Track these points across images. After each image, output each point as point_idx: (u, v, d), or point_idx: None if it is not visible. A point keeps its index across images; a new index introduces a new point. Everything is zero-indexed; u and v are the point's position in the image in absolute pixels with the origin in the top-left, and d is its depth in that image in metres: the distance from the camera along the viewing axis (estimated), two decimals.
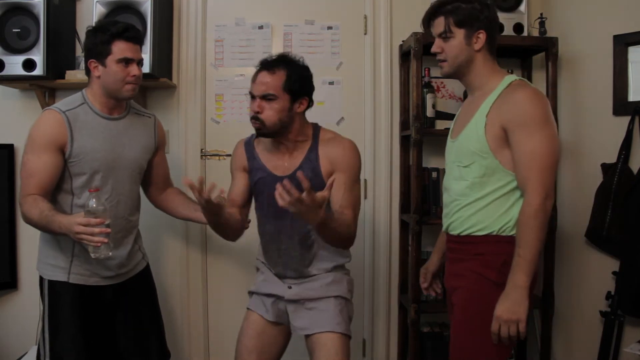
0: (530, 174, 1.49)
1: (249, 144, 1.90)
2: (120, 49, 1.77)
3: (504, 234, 1.56)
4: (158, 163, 2.07)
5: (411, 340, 2.45)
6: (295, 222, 1.76)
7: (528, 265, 1.47)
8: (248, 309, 1.92)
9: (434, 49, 1.65)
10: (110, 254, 1.65)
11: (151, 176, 2.06)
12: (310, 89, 1.79)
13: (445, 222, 1.73)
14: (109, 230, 1.59)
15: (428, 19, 1.67)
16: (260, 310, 1.87)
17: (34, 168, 1.73)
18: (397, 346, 2.71)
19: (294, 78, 1.71)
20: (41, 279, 1.85)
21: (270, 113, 1.70)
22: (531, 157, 1.49)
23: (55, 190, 1.79)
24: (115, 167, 1.84)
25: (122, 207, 1.87)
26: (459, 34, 1.59)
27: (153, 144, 2.01)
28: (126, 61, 1.78)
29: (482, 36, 1.59)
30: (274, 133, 1.75)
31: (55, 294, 1.82)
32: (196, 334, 2.66)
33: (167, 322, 2.63)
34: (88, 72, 1.83)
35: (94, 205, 1.61)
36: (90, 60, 1.80)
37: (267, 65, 1.73)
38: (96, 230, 1.56)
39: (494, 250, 1.57)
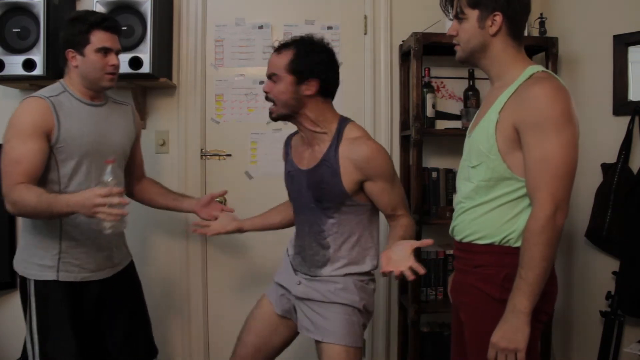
0: (540, 183, 1.31)
1: (288, 139, 1.92)
2: (99, 38, 1.76)
3: (507, 244, 1.39)
4: (136, 150, 2.06)
5: (411, 340, 2.45)
6: (312, 219, 1.76)
7: (530, 288, 1.29)
8: (264, 293, 1.93)
9: (448, 31, 1.50)
10: (124, 227, 1.67)
11: (129, 165, 2.03)
12: (321, 70, 1.67)
13: (451, 225, 1.58)
14: (127, 201, 1.60)
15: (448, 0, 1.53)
16: (272, 298, 1.88)
17: (19, 155, 1.66)
18: (397, 346, 2.71)
19: (299, 58, 1.65)
20: (24, 280, 1.79)
21: (275, 93, 1.69)
22: (542, 163, 1.30)
23: (40, 182, 1.72)
24: (101, 152, 1.80)
25: None
26: (472, 15, 1.42)
27: (133, 131, 2.01)
28: (105, 51, 1.77)
29: (498, 19, 1.40)
30: (283, 116, 1.73)
31: (44, 294, 1.77)
32: (196, 333, 2.66)
33: (167, 321, 2.64)
34: (65, 62, 1.81)
35: (111, 178, 1.60)
36: (68, 50, 1.78)
37: (280, 45, 1.71)
38: (116, 200, 1.53)
39: (494, 263, 1.41)
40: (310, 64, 1.66)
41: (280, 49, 1.70)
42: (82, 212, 1.56)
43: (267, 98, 1.73)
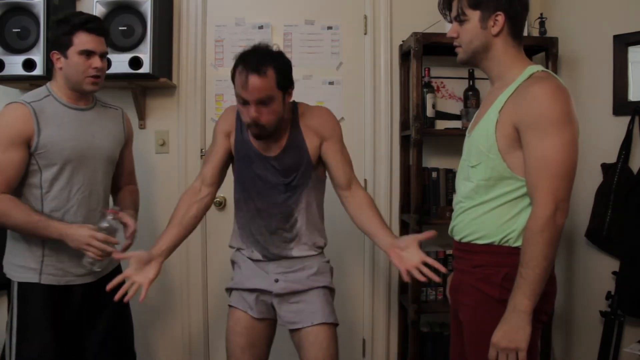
0: (540, 183, 1.31)
1: (240, 116, 1.79)
2: (81, 40, 1.72)
3: (506, 244, 1.39)
4: (125, 157, 2.00)
5: (411, 340, 2.45)
6: (279, 200, 1.77)
7: (531, 288, 1.29)
8: (230, 306, 1.87)
9: (449, 33, 1.50)
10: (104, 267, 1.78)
11: (116, 171, 1.98)
12: (291, 80, 1.72)
13: (450, 225, 1.58)
14: (117, 241, 1.70)
15: (446, 2, 1.52)
16: (243, 307, 1.83)
17: (1, 164, 1.67)
18: (397, 346, 2.71)
19: (282, 73, 1.65)
20: (9, 281, 1.78)
21: (270, 116, 1.65)
22: (542, 162, 1.30)
23: (22, 186, 1.73)
24: (86, 157, 1.78)
25: (94, 198, 1.82)
26: (474, 16, 1.42)
27: (122, 135, 1.95)
28: (87, 53, 1.73)
29: (500, 19, 1.40)
30: (273, 133, 1.72)
31: (25, 296, 1.75)
32: (196, 333, 2.66)
33: (167, 322, 2.64)
34: (51, 64, 1.79)
35: (107, 225, 1.71)
36: (53, 51, 1.76)
37: (255, 68, 1.60)
38: (109, 248, 1.66)
39: (494, 263, 1.41)
40: (288, 74, 1.69)
41: (260, 69, 1.60)
42: (71, 244, 1.66)
43: (255, 125, 1.65)
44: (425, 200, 2.55)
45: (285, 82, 1.67)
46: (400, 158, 2.69)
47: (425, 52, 2.41)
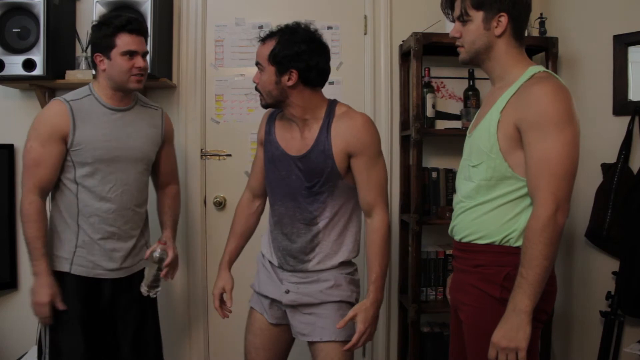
0: (541, 183, 1.31)
1: (272, 116, 1.82)
2: (124, 41, 1.78)
3: (507, 244, 1.39)
4: (163, 157, 2.05)
5: (411, 340, 2.45)
6: (302, 206, 1.71)
7: (531, 287, 1.29)
8: (251, 306, 1.89)
9: (451, 33, 1.50)
10: (151, 292, 1.90)
11: (154, 170, 2.05)
12: (301, 60, 1.61)
13: (450, 225, 1.58)
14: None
15: (448, 2, 1.52)
16: (260, 310, 1.84)
17: (38, 157, 1.77)
18: (397, 346, 2.71)
19: (279, 49, 1.61)
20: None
21: (260, 83, 1.67)
22: (543, 162, 1.30)
23: (60, 181, 1.83)
24: (119, 157, 1.85)
25: (127, 197, 1.88)
26: (477, 17, 1.42)
27: (160, 136, 2.00)
28: (130, 54, 1.79)
29: (503, 20, 1.40)
30: (272, 104, 1.71)
31: (58, 284, 1.82)
32: (196, 334, 2.67)
33: (167, 322, 2.63)
34: (94, 66, 1.86)
35: (162, 256, 1.88)
36: (96, 54, 1.82)
37: (266, 35, 1.67)
38: (47, 318, 1.77)
39: (495, 262, 1.41)
40: (290, 54, 1.61)
41: (265, 38, 1.67)
42: (32, 289, 1.78)
43: (256, 88, 1.71)
44: (425, 200, 2.55)
45: (280, 60, 1.61)
46: (400, 158, 2.68)
47: (425, 52, 2.41)
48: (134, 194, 1.90)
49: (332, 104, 1.74)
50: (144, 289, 1.88)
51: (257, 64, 1.68)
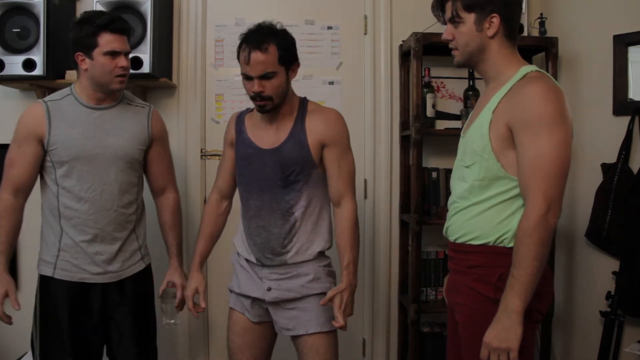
0: (532, 182, 1.30)
1: (239, 118, 1.86)
2: (106, 41, 1.73)
3: (501, 245, 1.39)
4: (153, 158, 1.95)
5: (411, 340, 2.45)
6: (278, 197, 1.75)
7: (522, 288, 1.29)
8: (230, 307, 1.89)
9: (444, 36, 1.50)
10: (173, 321, 1.94)
11: (146, 172, 1.97)
12: (296, 52, 1.75)
13: (444, 226, 1.59)
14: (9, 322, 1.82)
15: (439, 4, 1.52)
16: (241, 309, 1.85)
17: (13, 158, 1.79)
18: (397, 346, 2.71)
19: (285, 49, 1.68)
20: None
21: (275, 89, 1.69)
22: (535, 162, 1.30)
23: (45, 183, 1.83)
24: (96, 155, 1.79)
25: (107, 197, 1.80)
26: (469, 19, 1.42)
27: (146, 134, 1.90)
28: (113, 54, 1.74)
29: (495, 21, 1.40)
30: (278, 106, 1.73)
31: (44, 289, 1.82)
32: (196, 334, 2.66)
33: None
34: (76, 65, 1.80)
35: (174, 292, 1.94)
36: (77, 53, 1.76)
37: (258, 44, 1.65)
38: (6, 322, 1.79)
39: (489, 263, 1.40)
40: (292, 50, 1.72)
41: (262, 46, 1.66)
42: None
43: (260, 97, 1.69)
44: (425, 200, 2.56)
45: (288, 57, 1.70)
46: (400, 158, 2.69)
47: (425, 52, 2.41)
48: (115, 194, 1.81)
49: (304, 100, 1.82)
50: (164, 321, 1.92)
51: (267, 74, 1.67)
